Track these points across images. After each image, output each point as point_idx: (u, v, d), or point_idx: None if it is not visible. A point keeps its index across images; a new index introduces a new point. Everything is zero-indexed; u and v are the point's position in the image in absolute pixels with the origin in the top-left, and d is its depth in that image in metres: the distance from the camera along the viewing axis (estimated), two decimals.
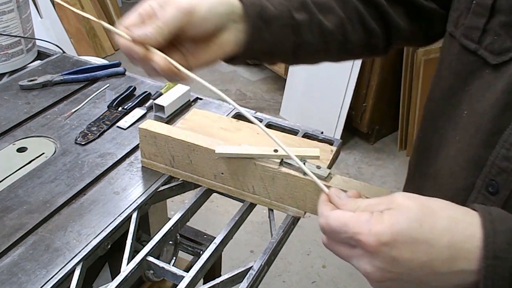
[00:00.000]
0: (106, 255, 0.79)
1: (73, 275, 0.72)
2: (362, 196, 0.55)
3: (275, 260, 0.81)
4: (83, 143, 0.97)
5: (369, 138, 2.79)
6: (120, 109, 1.08)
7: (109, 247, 0.78)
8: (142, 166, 0.92)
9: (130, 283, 0.73)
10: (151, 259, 0.75)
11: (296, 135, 1.03)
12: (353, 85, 2.49)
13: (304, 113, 2.77)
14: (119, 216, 0.81)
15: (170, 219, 0.82)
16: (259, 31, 0.61)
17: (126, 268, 0.73)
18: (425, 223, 0.46)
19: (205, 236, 1.33)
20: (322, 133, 1.04)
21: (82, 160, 0.93)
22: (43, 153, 0.95)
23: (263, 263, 0.76)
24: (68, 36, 2.86)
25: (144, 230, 1.03)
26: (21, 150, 0.95)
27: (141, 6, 0.57)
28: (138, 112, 1.07)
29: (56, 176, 0.89)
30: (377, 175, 2.57)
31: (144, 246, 0.77)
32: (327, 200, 0.54)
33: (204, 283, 0.73)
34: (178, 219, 0.82)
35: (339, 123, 2.60)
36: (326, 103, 2.63)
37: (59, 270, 0.71)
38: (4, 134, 0.99)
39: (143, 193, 0.86)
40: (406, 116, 2.62)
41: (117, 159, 0.94)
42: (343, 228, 0.48)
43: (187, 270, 0.74)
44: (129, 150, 0.97)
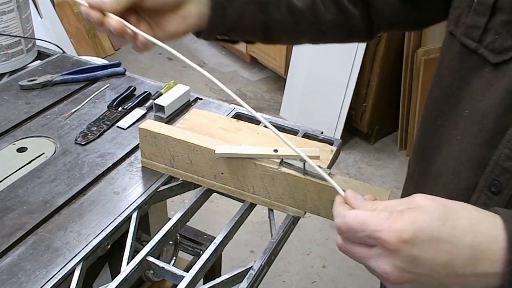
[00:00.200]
0: (106, 255, 0.79)
1: (73, 275, 0.72)
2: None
3: (275, 260, 0.81)
4: (83, 143, 0.97)
5: (369, 138, 2.79)
6: (120, 109, 1.08)
7: (109, 247, 0.78)
8: (142, 166, 0.92)
9: (130, 283, 0.73)
10: (151, 259, 0.75)
11: (296, 135, 1.03)
12: (353, 85, 2.49)
13: (304, 113, 2.77)
14: (119, 216, 0.81)
15: (170, 219, 0.82)
16: (221, 6, 0.64)
17: (126, 268, 0.73)
18: (447, 222, 0.44)
19: (205, 236, 1.33)
20: (322, 133, 1.04)
21: (82, 160, 0.93)
22: (43, 153, 0.95)
23: (263, 263, 0.76)
24: (68, 36, 2.86)
25: (144, 230, 1.03)
26: (21, 150, 0.95)
27: None
28: (138, 112, 1.07)
29: (56, 176, 0.89)
30: (377, 175, 2.57)
31: (144, 246, 0.77)
32: (343, 201, 0.52)
33: (204, 283, 0.73)
34: (178, 219, 0.82)
35: (339, 123, 2.60)
36: (326, 103, 2.64)
37: (59, 270, 0.71)
38: (4, 134, 0.99)
39: (143, 193, 0.86)
40: (406, 116, 2.62)
41: (117, 159, 0.94)
42: (362, 226, 0.46)
43: (187, 270, 0.74)
44: (129, 150, 0.97)
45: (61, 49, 1.33)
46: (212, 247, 0.78)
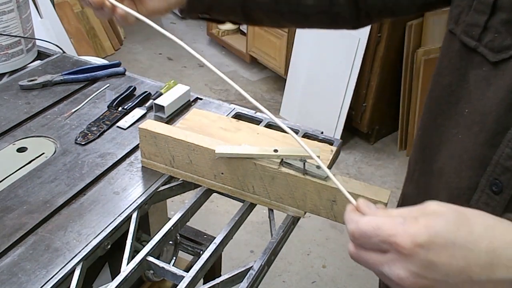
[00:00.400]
0: (106, 255, 0.79)
1: (73, 275, 0.72)
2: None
3: (275, 260, 0.81)
4: (83, 143, 0.97)
5: (369, 138, 2.79)
6: (120, 109, 1.08)
7: (109, 247, 0.78)
8: (142, 166, 0.92)
9: (130, 283, 0.73)
10: (151, 259, 0.75)
11: (296, 135, 1.03)
12: (353, 85, 2.49)
13: (304, 113, 2.77)
14: (119, 216, 0.81)
15: (170, 219, 0.82)
16: None
17: (126, 268, 0.73)
18: (462, 227, 0.43)
19: (205, 236, 1.33)
20: (322, 133, 1.04)
21: (82, 160, 0.93)
22: (43, 153, 0.95)
23: (263, 263, 0.76)
24: (68, 36, 2.86)
25: (144, 230, 1.03)
26: (21, 150, 0.95)
27: None
28: (138, 112, 1.07)
29: (56, 176, 0.89)
30: (377, 175, 2.57)
31: (144, 246, 0.77)
32: (354, 210, 0.51)
33: (204, 283, 0.73)
34: (178, 219, 0.82)
35: (339, 123, 2.60)
36: (326, 103, 2.63)
37: (59, 270, 0.71)
38: (4, 134, 0.99)
39: (143, 193, 0.86)
40: (406, 116, 2.62)
41: (117, 159, 0.94)
42: (376, 231, 0.45)
43: (187, 270, 0.74)
44: (129, 150, 0.97)
45: (61, 49, 1.33)
46: (212, 247, 0.78)
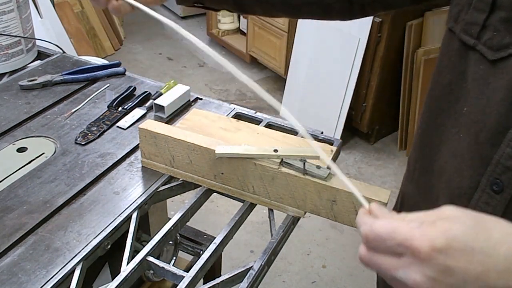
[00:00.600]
0: (106, 255, 0.79)
1: (73, 275, 0.72)
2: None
3: (275, 260, 0.81)
4: (83, 143, 0.97)
5: (369, 138, 2.79)
6: (120, 109, 1.08)
7: (109, 247, 0.78)
8: (142, 166, 0.92)
9: (130, 283, 0.73)
10: (151, 259, 0.75)
11: (296, 135, 1.03)
12: (353, 85, 2.49)
13: (304, 113, 2.77)
14: (119, 216, 0.81)
15: (170, 219, 0.82)
16: None
17: (126, 268, 0.73)
18: (481, 233, 0.42)
19: (205, 236, 1.33)
20: (322, 133, 1.04)
21: (82, 160, 0.93)
22: (43, 153, 0.95)
23: (263, 263, 0.76)
24: (68, 36, 2.86)
25: (144, 230, 1.03)
26: (21, 150, 0.95)
27: None
28: (138, 112, 1.07)
29: (56, 176, 0.89)
30: (377, 175, 2.57)
31: (144, 246, 0.77)
32: (367, 212, 0.49)
33: (204, 283, 0.73)
34: (178, 219, 0.82)
35: (339, 123, 2.60)
36: (326, 103, 2.63)
37: (59, 270, 0.71)
38: (4, 134, 0.99)
39: (143, 193, 0.86)
40: (406, 116, 2.62)
41: (117, 159, 0.94)
42: (391, 234, 0.43)
43: (187, 270, 0.74)
44: (129, 150, 0.97)
45: (61, 49, 1.33)
46: (212, 247, 0.78)
